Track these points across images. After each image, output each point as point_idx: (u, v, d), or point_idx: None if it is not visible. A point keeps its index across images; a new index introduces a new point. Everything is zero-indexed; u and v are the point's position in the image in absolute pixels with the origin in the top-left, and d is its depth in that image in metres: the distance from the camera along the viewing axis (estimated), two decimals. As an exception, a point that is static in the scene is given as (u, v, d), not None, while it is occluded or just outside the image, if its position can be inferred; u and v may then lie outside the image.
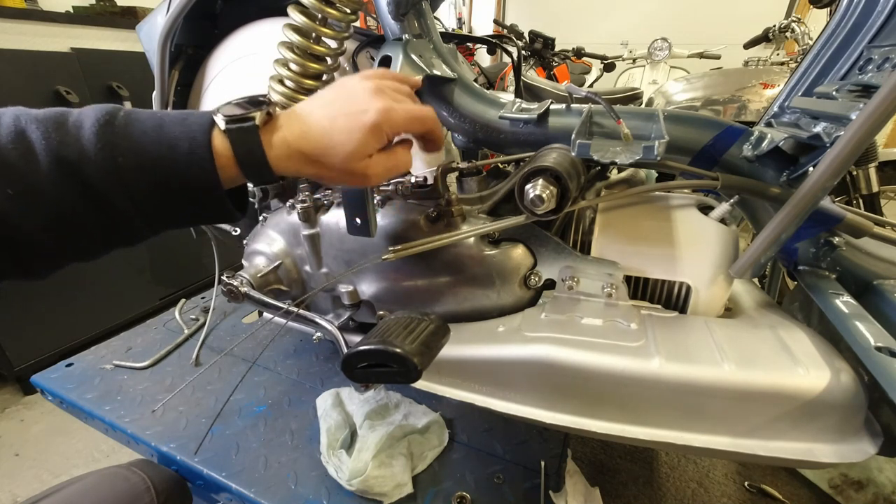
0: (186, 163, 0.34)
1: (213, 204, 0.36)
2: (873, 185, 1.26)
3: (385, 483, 0.58)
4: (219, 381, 0.80)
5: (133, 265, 1.64)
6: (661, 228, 0.53)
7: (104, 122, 0.33)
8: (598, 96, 0.50)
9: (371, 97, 0.38)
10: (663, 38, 2.20)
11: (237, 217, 0.39)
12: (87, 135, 0.32)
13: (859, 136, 0.36)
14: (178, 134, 0.34)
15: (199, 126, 0.35)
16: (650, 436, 0.46)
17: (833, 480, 1.00)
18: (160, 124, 0.34)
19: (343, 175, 0.39)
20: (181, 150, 0.34)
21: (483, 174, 0.62)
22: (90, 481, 0.56)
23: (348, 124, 0.37)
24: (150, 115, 0.35)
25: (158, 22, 0.67)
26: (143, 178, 0.33)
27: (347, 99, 0.39)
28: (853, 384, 0.41)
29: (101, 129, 0.32)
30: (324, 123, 0.37)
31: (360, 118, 0.37)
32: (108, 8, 1.74)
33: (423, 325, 0.43)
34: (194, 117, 0.35)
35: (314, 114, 0.38)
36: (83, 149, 0.32)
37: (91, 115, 0.33)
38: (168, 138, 0.34)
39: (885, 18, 0.47)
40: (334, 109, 0.38)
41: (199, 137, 0.34)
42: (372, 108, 0.37)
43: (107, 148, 0.32)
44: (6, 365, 1.36)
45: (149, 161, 0.33)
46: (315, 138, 0.37)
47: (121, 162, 0.32)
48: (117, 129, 0.33)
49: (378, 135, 0.38)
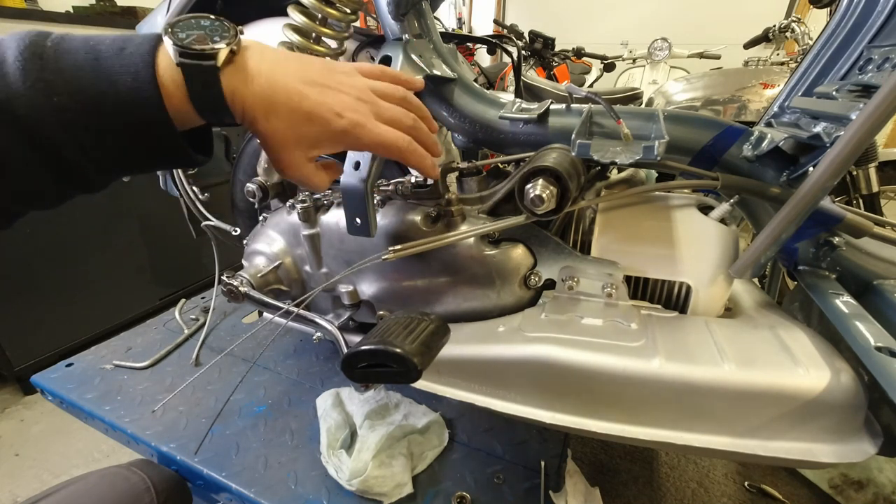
0: (131, 102, 0.29)
1: (168, 147, 0.32)
2: (873, 185, 1.26)
3: (385, 483, 0.58)
4: (219, 381, 0.80)
5: (133, 265, 1.64)
6: (661, 228, 0.53)
7: (30, 55, 0.28)
8: (598, 96, 0.50)
9: (353, 104, 0.36)
10: (663, 38, 2.20)
11: (199, 161, 0.35)
12: (12, 69, 0.27)
13: (859, 136, 0.36)
14: (118, 68, 0.29)
15: (140, 57, 0.30)
16: (650, 436, 0.45)
17: (833, 480, 1.00)
18: (95, 56, 0.29)
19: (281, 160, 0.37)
20: (123, 86, 0.29)
21: (483, 174, 0.62)
22: (90, 481, 0.56)
23: (315, 112, 0.34)
24: (82, 44, 0.30)
25: (158, 22, 0.68)
26: (86, 122, 0.29)
27: (330, 89, 0.35)
28: (853, 384, 0.41)
29: (26, 64, 0.27)
30: (291, 101, 0.34)
31: (330, 117, 0.35)
32: (108, 8, 1.74)
33: (423, 325, 0.43)
34: (133, 45, 0.30)
35: (287, 86, 0.34)
36: (10, 85, 0.27)
37: (13, 46, 0.28)
38: (107, 73, 0.29)
39: (885, 18, 0.47)
40: (310, 92, 0.34)
41: (143, 72, 0.29)
42: (347, 117, 0.35)
43: (38, 85, 0.27)
44: (6, 365, 1.36)
45: (89, 101, 0.29)
46: (276, 95, 0.33)
47: (56, 102, 0.28)
48: (47, 64, 0.28)
49: (336, 143, 0.36)
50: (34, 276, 1.37)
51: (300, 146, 0.36)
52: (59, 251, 1.41)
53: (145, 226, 1.63)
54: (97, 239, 1.50)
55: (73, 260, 1.45)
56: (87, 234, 1.45)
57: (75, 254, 1.45)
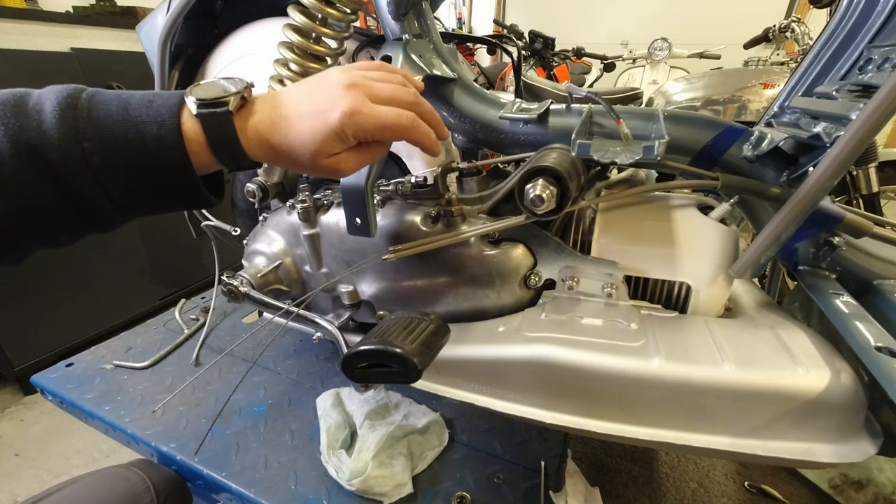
0: (156, 148, 0.32)
1: (186, 190, 0.35)
2: (873, 185, 1.26)
3: (385, 483, 0.58)
4: (219, 381, 0.80)
5: (133, 265, 1.64)
6: (661, 228, 0.53)
7: (66, 106, 0.31)
8: (598, 96, 0.50)
9: (341, 94, 0.36)
10: (663, 38, 2.20)
11: (212, 202, 0.38)
12: (49, 119, 0.30)
13: (859, 136, 0.36)
14: (146, 118, 0.32)
15: (167, 109, 0.33)
16: (650, 436, 0.46)
17: (833, 480, 1.00)
18: (125, 107, 0.32)
19: (313, 170, 0.38)
20: (149, 134, 0.32)
21: (483, 174, 0.62)
22: (90, 481, 0.56)
23: (312, 125, 0.35)
24: (115, 97, 0.33)
25: (158, 22, 0.67)
26: (112, 165, 0.32)
27: (320, 95, 0.37)
28: (853, 384, 0.41)
29: (62, 113, 0.30)
30: (292, 119, 0.36)
31: (325, 118, 0.35)
32: (108, 8, 1.74)
33: (423, 325, 0.43)
34: (161, 99, 0.34)
35: (287, 106, 0.36)
36: (45, 133, 0.30)
37: (52, 98, 0.31)
38: (135, 122, 0.32)
39: (885, 18, 0.47)
40: (304, 106, 0.36)
41: (168, 121, 0.32)
42: (338, 109, 0.35)
43: (70, 133, 0.30)
44: (6, 365, 1.36)
45: (116, 147, 0.31)
46: (282, 133, 0.36)
47: (87, 147, 0.31)
48: (80, 113, 0.31)
49: (341, 138, 0.36)
50: (34, 276, 1.37)
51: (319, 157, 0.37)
52: (58, 251, 1.40)
53: (145, 226, 1.63)
54: (97, 239, 1.49)
55: (73, 260, 1.45)
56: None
57: (75, 254, 1.45)
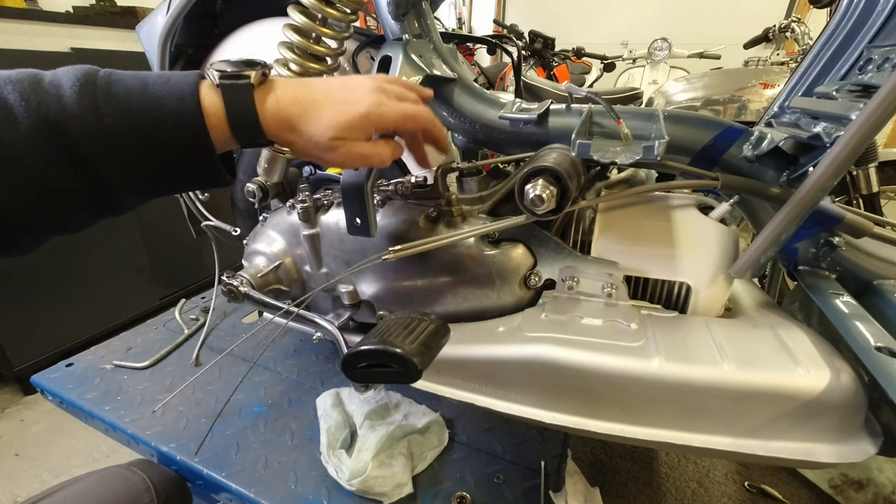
0: (175, 122, 0.32)
1: (205, 166, 0.35)
2: (873, 185, 1.26)
3: (385, 483, 0.58)
4: (219, 381, 0.80)
5: (133, 265, 1.64)
6: (661, 228, 0.53)
7: (84, 82, 0.30)
8: (598, 96, 0.50)
9: (369, 92, 0.39)
10: (663, 38, 2.20)
11: (227, 180, 0.38)
12: (68, 94, 0.30)
13: (859, 136, 0.36)
14: (164, 93, 0.32)
15: (186, 85, 0.33)
16: (650, 436, 0.45)
17: (833, 480, 1.00)
18: (144, 84, 0.32)
19: (323, 151, 0.39)
20: (169, 109, 0.32)
21: (483, 174, 0.62)
22: (90, 481, 0.56)
23: (340, 109, 0.38)
24: (131, 75, 0.33)
25: (158, 22, 0.67)
26: (132, 140, 0.31)
27: (350, 89, 0.40)
28: (853, 384, 0.41)
29: (82, 88, 0.30)
30: (320, 100, 0.38)
31: (354, 106, 0.38)
32: (108, 8, 1.74)
33: (423, 325, 0.43)
34: (178, 77, 0.34)
35: (316, 89, 0.39)
36: (65, 108, 0.29)
37: (69, 75, 0.31)
38: (154, 97, 0.32)
39: (885, 18, 0.47)
40: (336, 93, 0.39)
41: (188, 97, 0.33)
42: (366, 101, 0.38)
43: (90, 107, 0.30)
44: (6, 365, 1.36)
45: (136, 122, 0.31)
46: (307, 109, 0.37)
47: (107, 122, 0.30)
48: (99, 89, 0.31)
49: (365, 125, 0.39)
50: (34, 276, 1.37)
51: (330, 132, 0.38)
52: (58, 251, 1.41)
53: (145, 226, 1.63)
54: (97, 239, 1.50)
55: (73, 260, 1.45)
56: (87, 234, 1.43)
57: (75, 254, 1.45)
